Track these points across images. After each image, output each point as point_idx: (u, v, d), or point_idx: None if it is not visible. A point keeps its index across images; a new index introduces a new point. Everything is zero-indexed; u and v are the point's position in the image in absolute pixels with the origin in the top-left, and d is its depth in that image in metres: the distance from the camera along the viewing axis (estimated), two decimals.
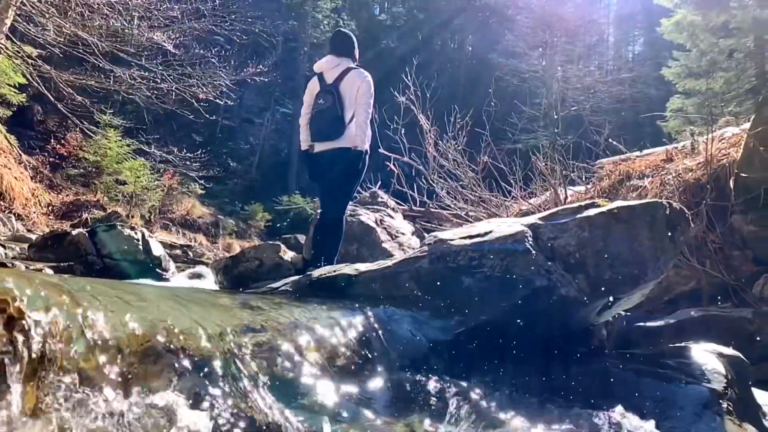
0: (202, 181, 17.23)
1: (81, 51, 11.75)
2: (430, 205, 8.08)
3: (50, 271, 5.51)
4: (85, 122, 13.61)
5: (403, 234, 7.16)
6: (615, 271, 2.27)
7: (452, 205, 7.71)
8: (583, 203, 2.53)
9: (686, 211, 2.65)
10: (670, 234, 2.50)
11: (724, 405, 1.83)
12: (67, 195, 13.79)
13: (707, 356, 2.16)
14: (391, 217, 7.40)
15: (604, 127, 7.95)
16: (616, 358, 2.41)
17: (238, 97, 21.69)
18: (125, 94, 13.29)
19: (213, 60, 13.32)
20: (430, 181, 7.97)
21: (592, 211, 2.36)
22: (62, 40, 11.49)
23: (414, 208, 8.17)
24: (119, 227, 6.89)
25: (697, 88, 15.09)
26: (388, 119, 8.11)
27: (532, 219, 2.54)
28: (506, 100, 18.56)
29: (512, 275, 2.28)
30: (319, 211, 4.74)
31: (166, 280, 6.89)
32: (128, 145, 14.56)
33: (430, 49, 31.75)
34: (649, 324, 4.54)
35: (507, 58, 25.67)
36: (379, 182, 8.40)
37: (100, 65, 12.11)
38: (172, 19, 12.48)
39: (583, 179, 7.41)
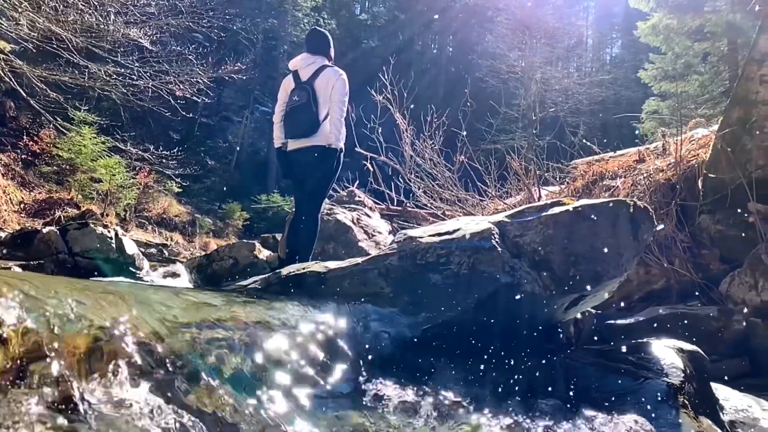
0: (179, 180, 17.05)
1: (55, 46, 11.55)
2: (407, 204, 8.11)
3: (19, 270, 5.41)
4: (58, 119, 13.40)
5: (380, 233, 7.17)
6: (579, 267, 2.31)
7: (429, 205, 7.74)
8: (548, 201, 2.56)
9: (650, 209, 2.70)
10: (633, 232, 2.55)
11: (681, 399, 1.87)
12: (40, 193, 13.52)
13: (667, 351, 2.21)
14: (368, 216, 7.41)
15: (583, 129, 8.06)
16: (580, 353, 2.45)
17: (217, 95, 21.53)
18: (100, 91, 13.09)
19: (190, 57, 13.19)
20: (407, 181, 8.00)
21: (556, 209, 2.40)
22: (36, 35, 11.27)
23: (391, 207, 8.19)
24: (92, 225, 6.78)
25: (672, 90, 15.35)
26: (367, 118, 8.13)
27: (500, 217, 2.57)
28: (486, 101, 18.67)
29: (478, 272, 2.30)
30: (293, 209, 4.73)
31: (140, 278, 6.81)
32: (103, 143, 14.32)
33: (412, 50, 31.83)
34: (619, 321, 4.62)
35: (487, 60, 25.82)
36: (357, 181, 8.41)
37: (75, 61, 11.91)
38: (148, 15, 12.33)
39: (558, 179, 7.50)
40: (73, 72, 12.29)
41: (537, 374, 2.12)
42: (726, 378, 3.65)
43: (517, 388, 2.02)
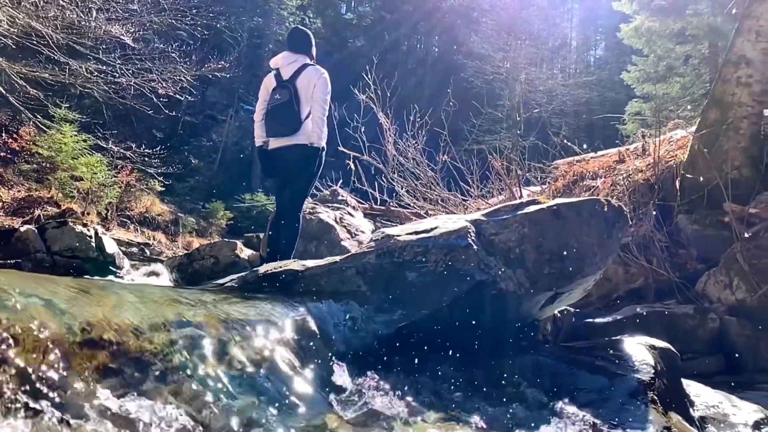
0: (161, 178, 16.89)
1: (35, 42, 11.38)
2: (391, 204, 8.12)
3: None
4: (38, 116, 13.21)
5: (363, 232, 7.17)
6: (553, 266, 2.33)
7: (412, 204, 7.76)
8: (524, 200, 2.58)
9: (624, 208, 2.73)
10: (607, 231, 2.58)
11: (650, 395, 1.90)
12: (19, 191, 13.30)
13: (638, 348, 2.24)
14: (351, 215, 7.41)
15: (565, 130, 8.13)
16: (555, 350, 2.47)
17: (201, 93, 21.37)
18: (81, 88, 12.91)
19: (174, 55, 13.06)
20: (391, 180, 8.01)
21: (532, 208, 2.42)
22: (15, 31, 11.10)
23: (374, 206, 8.19)
24: (71, 224, 6.70)
25: (654, 92, 15.54)
26: (353, 118, 8.12)
27: (476, 215, 2.58)
28: (471, 102, 18.73)
29: (454, 270, 2.32)
30: (275, 208, 4.71)
31: (120, 277, 6.74)
32: (84, 141, 14.12)
33: (398, 50, 31.88)
34: (598, 320, 4.68)
35: (472, 60, 25.91)
36: (340, 180, 8.41)
37: (55, 58, 11.75)
38: (131, 12, 12.20)
39: (540, 180, 7.56)
40: (53, 69, 12.11)
41: (510, 371, 2.13)
42: (701, 375, 3.71)
43: (490, 384, 2.04)
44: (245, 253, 6.12)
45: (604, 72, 28.57)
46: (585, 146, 7.95)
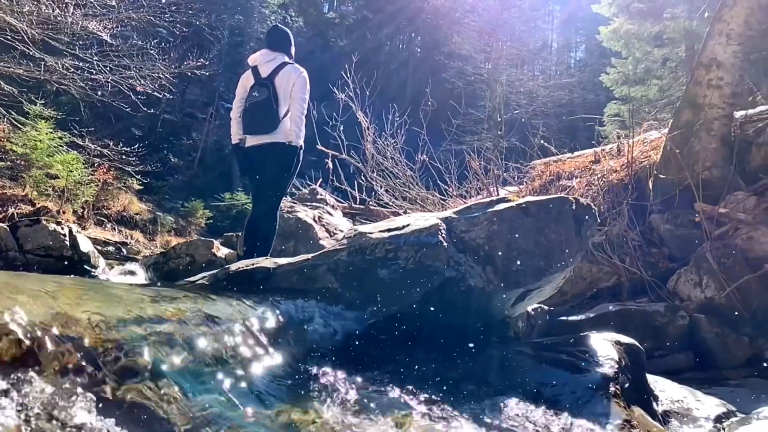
0: (139, 177, 16.67)
1: (9, 38, 11.18)
2: (370, 203, 8.13)
3: None
4: (12, 112, 12.97)
5: (341, 231, 7.17)
6: (522, 262, 2.36)
7: (391, 203, 7.78)
8: (495, 198, 2.61)
9: (593, 207, 2.78)
10: (576, 228, 2.62)
11: (613, 389, 1.94)
12: None
13: (603, 344, 2.28)
14: (330, 214, 7.40)
15: (544, 131, 8.22)
16: (523, 347, 2.50)
17: (181, 91, 21.14)
18: (57, 85, 12.69)
19: (152, 52, 12.90)
20: (370, 179, 8.02)
21: (501, 206, 2.45)
22: None
23: (353, 205, 8.20)
24: (44, 222, 6.60)
25: (633, 94, 15.74)
26: (330, 117, 8.11)
27: (448, 213, 2.61)
28: (452, 102, 18.80)
29: (424, 266, 2.34)
30: (251, 206, 4.69)
31: (95, 276, 6.66)
32: (60, 138, 13.88)
33: (381, 50, 31.91)
34: (570, 318, 4.73)
35: (454, 61, 26.00)
36: (319, 179, 8.39)
37: (31, 53, 11.54)
38: (108, 7, 12.02)
39: (517, 180, 7.64)
40: (28, 65, 11.89)
41: (478, 366, 2.16)
42: (671, 372, 3.78)
43: (457, 379, 2.06)
44: (222, 251, 6.08)
45: (584, 74, 28.81)
46: (566, 147, 8.06)
